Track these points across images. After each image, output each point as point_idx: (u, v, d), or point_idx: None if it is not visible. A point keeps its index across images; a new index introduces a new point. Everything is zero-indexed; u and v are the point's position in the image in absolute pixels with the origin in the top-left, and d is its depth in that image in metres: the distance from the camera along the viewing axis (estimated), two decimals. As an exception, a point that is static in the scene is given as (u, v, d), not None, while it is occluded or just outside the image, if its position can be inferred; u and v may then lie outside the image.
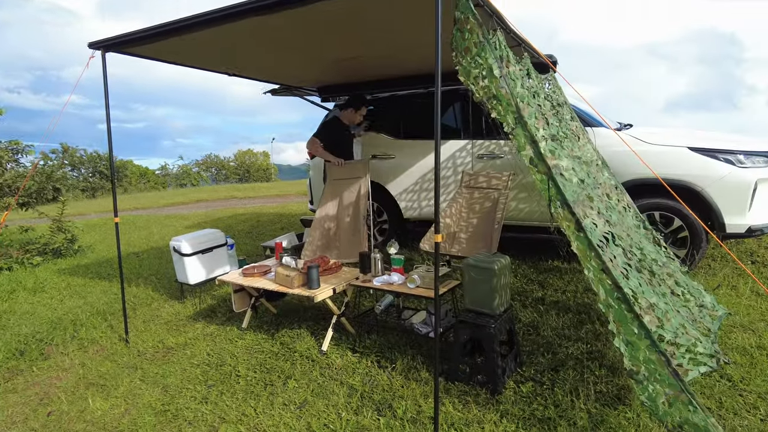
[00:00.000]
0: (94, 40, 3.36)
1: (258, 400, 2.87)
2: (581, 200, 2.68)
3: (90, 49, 3.37)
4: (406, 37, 3.57)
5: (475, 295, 2.86)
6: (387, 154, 5.44)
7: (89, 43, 3.36)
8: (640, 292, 2.40)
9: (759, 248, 4.78)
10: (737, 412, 2.46)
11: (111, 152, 3.61)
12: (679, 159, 4.09)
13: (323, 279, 3.45)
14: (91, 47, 3.37)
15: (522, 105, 2.65)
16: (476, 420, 2.52)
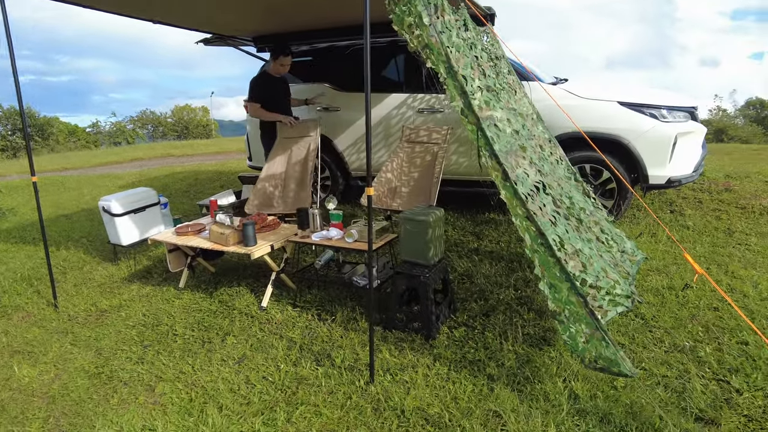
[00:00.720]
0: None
1: (196, 357, 2.86)
2: (514, 150, 2.75)
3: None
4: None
5: (411, 247, 2.92)
6: (330, 107, 5.32)
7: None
8: (566, 238, 2.53)
9: (677, 198, 5.12)
10: (646, 346, 2.69)
11: (21, 104, 3.31)
12: (609, 113, 4.24)
13: (261, 236, 3.40)
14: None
15: (457, 55, 2.65)
16: (411, 364, 2.62)
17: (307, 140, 4.65)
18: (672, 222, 4.58)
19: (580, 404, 2.24)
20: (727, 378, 2.39)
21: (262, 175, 4.66)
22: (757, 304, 3.04)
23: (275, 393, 2.49)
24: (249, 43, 5.51)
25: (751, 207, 4.78)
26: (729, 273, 3.49)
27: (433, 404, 2.32)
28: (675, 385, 2.36)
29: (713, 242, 4.09)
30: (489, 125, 2.64)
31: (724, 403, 2.24)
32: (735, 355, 2.56)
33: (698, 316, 2.95)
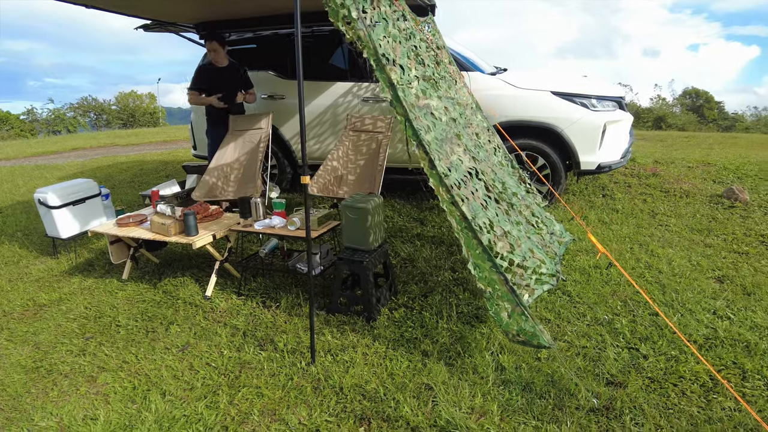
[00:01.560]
0: None
1: (139, 347, 2.87)
2: (450, 138, 2.89)
3: None
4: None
5: (352, 233, 3.02)
6: (275, 95, 5.32)
7: None
8: (496, 221, 2.70)
9: (610, 183, 5.46)
10: (570, 320, 2.92)
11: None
12: (543, 102, 4.47)
13: (204, 226, 3.42)
14: None
15: (394, 45, 2.74)
16: (351, 345, 2.74)
17: (258, 132, 4.66)
18: (603, 205, 4.88)
19: (506, 375, 2.43)
20: (637, 346, 2.65)
21: (212, 165, 4.63)
22: (669, 279, 3.33)
23: (218, 378, 2.55)
24: (191, 30, 5.41)
25: (674, 191, 5.16)
26: (649, 251, 3.79)
27: (370, 381, 2.45)
28: (592, 354, 2.59)
29: (638, 224, 4.40)
30: (426, 114, 2.77)
31: (632, 368, 2.48)
32: (646, 326, 2.82)
33: (618, 292, 3.21)
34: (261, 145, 4.50)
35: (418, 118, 2.62)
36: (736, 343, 2.64)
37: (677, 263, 3.57)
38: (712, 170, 5.83)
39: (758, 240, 4.00)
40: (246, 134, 4.65)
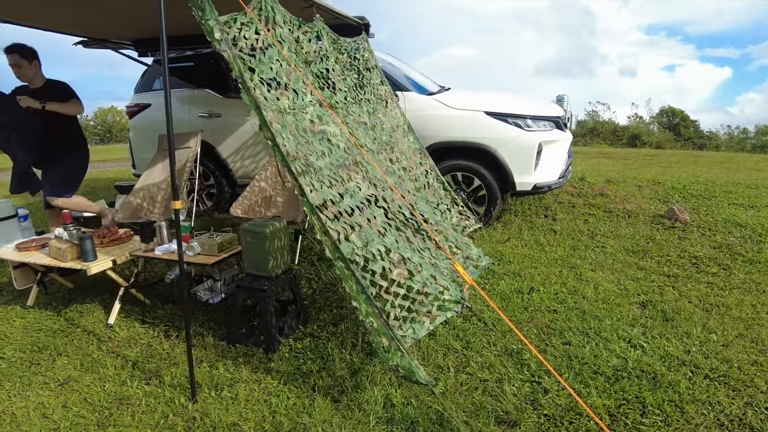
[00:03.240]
0: None
1: (16, 381, 2.68)
2: (347, 164, 2.79)
3: None
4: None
5: (252, 258, 2.89)
6: (212, 113, 5.21)
7: None
8: (395, 247, 2.58)
9: (554, 203, 5.39)
10: (479, 350, 2.79)
11: None
12: (476, 122, 4.41)
13: (107, 250, 3.26)
14: None
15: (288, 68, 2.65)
16: (242, 379, 2.59)
17: (186, 152, 4.53)
18: (542, 226, 4.80)
19: (393, 412, 2.29)
20: (541, 379, 2.52)
21: (137, 186, 4.49)
22: (591, 305, 3.23)
23: (90, 415, 2.38)
24: (130, 47, 5.30)
25: (617, 211, 5.10)
26: (577, 275, 3.70)
27: (249, 419, 2.29)
28: (492, 388, 2.46)
29: (574, 245, 4.32)
30: (321, 139, 2.67)
31: (529, 404, 2.35)
32: (557, 356, 2.70)
33: (535, 319, 3.09)
34: (188, 164, 4.37)
35: (311, 143, 2.52)
36: (643, 375, 2.53)
37: (603, 287, 3.48)
38: (660, 190, 5.81)
39: (690, 261, 3.93)
40: (175, 154, 4.51)
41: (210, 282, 3.26)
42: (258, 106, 2.18)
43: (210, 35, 2.25)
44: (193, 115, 5.27)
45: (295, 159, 2.23)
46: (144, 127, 5.54)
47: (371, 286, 2.22)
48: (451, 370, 2.59)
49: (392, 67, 4.99)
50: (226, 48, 2.20)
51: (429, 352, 2.74)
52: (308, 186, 2.19)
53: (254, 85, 2.25)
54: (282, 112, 2.39)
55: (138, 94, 5.66)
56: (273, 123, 2.20)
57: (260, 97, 2.23)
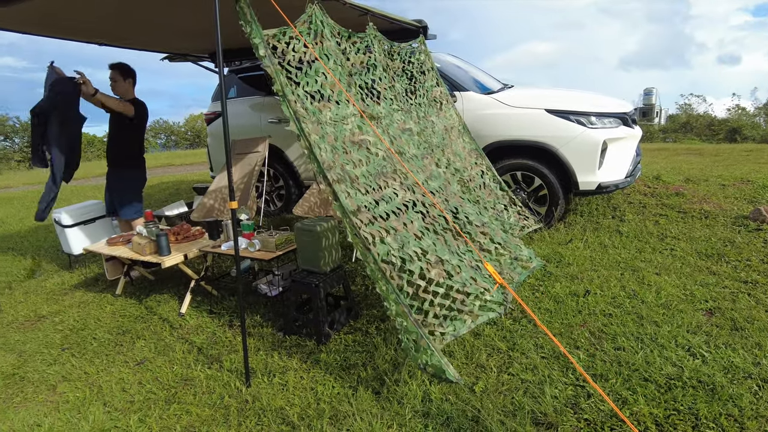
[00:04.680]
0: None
1: (103, 359, 3.05)
2: (385, 172, 2.88)
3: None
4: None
5: (305, 256, 3.06)
6: (281, 119, 5.52)
7: None
8: (432, 249, 2.64)
9: (623, 203, 5.13)
10: (525, 352, 2.77)
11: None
12: (536, 121, 4.32)
13: (180, 246, 3.60)
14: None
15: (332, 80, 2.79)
16: (293, 368, 2.76)
17: (255, 156, 4.85)
18: (608, 227, 4.60)
19: (430, 407, 2.35)
20: (584, 383, 2.46)
21: (211, 187, 4.88)
22: (650, 310, 3.08)
23: (159, 392, 2.66)
24: (207, 59, 5.75)
25: (693, 211, 4.76)
26: (639, 279, 3.52)
27: (294, 405, 2.45)
28: (533, 390, 2.44)
29: (640, 248, 4.10)
30: (359, 148, 2.79)
31: (570, 407, 2.31)
32: (606, 361, 2.62)
33: (588, 323, 3.01)
34: (256, 167, 4.67)
35: (349, 153, 2.64)
36: (699, 386, 2.39)
37: (666, 292, 3.29)
38: (748, 189, 5.33)
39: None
40: (245, 157, 4.84)
41: (270, 276, 3.49)
42: (297, 118, 2.33)
43: (256, 51, 2.44)
44: (263, 121, 5.62)
45: (330, 167, 2.35)
46: (219, 132, 5.98)
47: (408, 286, 2.29)
48: (493, 370, 2.60)
49: (453, 68, 5.01)
50: (269, 63, 2.37)
51: (473, 351, 2.76)
52: (343, 193, 2.30)
53: (296, 98, 2.41)
54: (321, 123, 2.53)
55: (214, 102, 6.12)
56: (311, 134, 2.34)
57: (300, 110, 2.38)
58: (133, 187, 4.47)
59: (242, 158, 4.85)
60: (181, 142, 31.73)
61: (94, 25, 3.85)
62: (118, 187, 4.43)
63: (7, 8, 3.09)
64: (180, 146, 30.60)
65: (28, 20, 3.58)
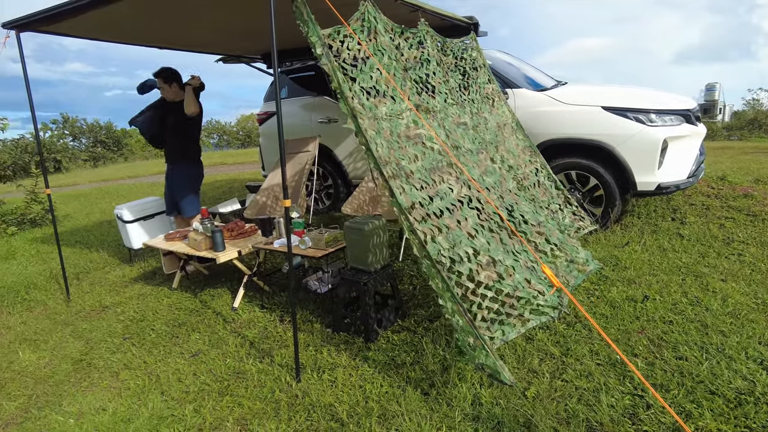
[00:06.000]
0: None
1: (161, 350, 3.18)
2: (440, 167, 2.85)
3: (4, 29, 3.55)
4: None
5: (354, 254, 3.08)
6: (331, 119, 5.58)
7: (3, 23, 3.54)
8: (485, 249, 2.59)
9: (684, 204, 4.87)
10: (579, 358, 2.68)
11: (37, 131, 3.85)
12: (592, 118, 4.16)
13: (235, 242, 3.70)
14: (5, 27, 3.54)
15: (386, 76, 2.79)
16: (342, 365, 2.79)
17: (306, 155, 4.93)
18: (668, 230, 4.37)
19: (480, 410, 2.30)
20: (643, 393, 2.35)
21: (264, 185, 5.00)
22: (716, 319, 2.90)
23: (213, 384, 2.75)
24: (259, 60, 5.89)
25: (764, 214, 4.46)
26: (702, 285, 3.33)
27: (343, 402, 2.47)
28: (588, 397, 2.35)
29: (703, 252, 3.88)
30: (414, 143, 2.77)
31: (628, 417, 2.21)
32: (667, 370, 2.50)
33: (647, 330, 2.87)
34: (307, 166, 4.75)
35: (404, 148, 2.63)
36: (774, 402, 2.23)
37: (734, 300, 3.09)
38: (827, 191, 4.94)
39: None
40: (296, 156, 4.93)
41: (319, 273, 3.54)
42: (354, 114, 2.34)
43: (314, 50, 2.47)
44: (313, 120, 5.70)
45: (386, 163, 2.35)
46: (271, 132, 6.13)
47: (457, 287, 2.26)
48: (546, 375, 2.52)
49: (504, 65, 4.91)
50: (326, 61, 2.39)
51: (524, 355, 2.70)
52: (398, 189, 2.30)
53: (352, 95, 2.42)
54: (377, 119, 2.53)
55: (266, 103, 6.27)
56: (368, 130, 2.35)
57: (357, 106, 2.39)
58: (192, 183, 4.65)
59: (293, 157, 4.94)
60: (232, 141, 32.79)
61: (157, 30, 4.03)
62: (178, 183, 4.61)
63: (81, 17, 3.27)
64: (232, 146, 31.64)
65: (98, 28, 3.78)
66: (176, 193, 4.61)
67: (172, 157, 4.62)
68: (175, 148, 4.59)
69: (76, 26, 3.67)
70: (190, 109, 4.38)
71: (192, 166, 4.64)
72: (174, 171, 4.65)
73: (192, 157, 4.61)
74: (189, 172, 4.64)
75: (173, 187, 4.64)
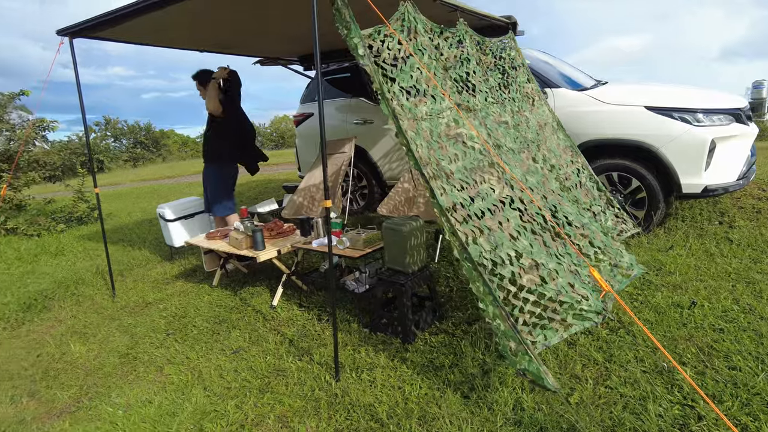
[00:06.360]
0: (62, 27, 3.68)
1: (202, 346, 3.26)
2: (481, 167, 2.82)
3: (58, 36, 3.71)
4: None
5: (391, 255, 3.08)
6: (366, 120, 5.61)
7: (57, 30, 3.70)
8: (528, 252, 2.55)
9: (733, 208, 4.68)
10: (623, 365, 2.60)
11: (87, 133, 4.01)
12: (634, 118, 4.05)
13: (273, 242, 3.76)
14: (59, 34, 3.70)
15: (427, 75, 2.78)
16: (380, 365, 2.79)
17: (342, 156, 4.96)
18: (715, 234, 4.21)
19: (522, 415, 2.27)
20: (693, 403, 2.27)
21: (300, 186, 5.06)
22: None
23: (254, 381, 2.80)
24: (296, 62, 5.97)
25: (820, 219, 4.24)
26: (755, 292, 3.19)
27: (383, 403, 2.47)
28: (634, 406, 2.29)
29: (755, 257, 3.72)
30: (455, 143, 2.75)
31: (677, 428, 2.14)
32: (719, 381, 2.40)
33: (696, 337, 2.77)
34: (343, 167, 4.78)
35: (444, 148, 2.61)
36: (836, 416, 2.12)
37: (790, 308, 2.95)
38: None
39: None
40: (332, 158, 4.97)
41: (357, 273, 3.56)
42: (395, 115, 2.34)
43: (354, 51, 2.48)
44: (349, 122, 5.74)
45: (427, 164, 2.34)
46: (308, 134, 6.20)
47: (498, 290, 2.23)
48: (589, 382, 2.47)
49: (542, 64, 4.83)
50: (368, 62, 2.40)
51: (566, 361, 2.64)
52: (439, 189, 2.28)
53: (392, 96, 2.42)
54: (417, 119, 2.52)
55: (303, 105, 6.35)
56: (408, 131, 2.35)
57: (397, 107, 2.39)
58: (222, 184, 4.75)
59: (329, 158, 4.98)
60: (267, 143, 33.43)
61: (200, 34, 4.14)
62: (209, 183, 4.74)
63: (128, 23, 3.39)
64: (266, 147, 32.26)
65: (143, 33, 3.91)
66: (208, 192, 4.74)
67: (204, 156, 4.77)
68: (207, 148, 4.72)
69: (123, 31, 3.80)
70: (208, 107, 4.50)
71: (221, 166, 4.73)
72: (205, 171, 4.79)
73: (222, 157, 4.71)
74: (218, 173, 4.74)
75: (205, 186, 4.78)
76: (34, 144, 8.31)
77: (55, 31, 3.70)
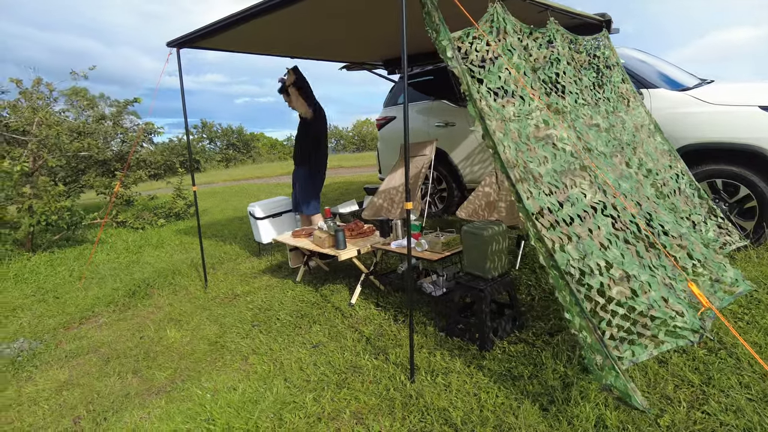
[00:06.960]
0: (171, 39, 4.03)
1: (285, 338, 3.41)
2: (571, 170, 2.70)
3: (168, 47, 4.06)
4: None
5: (471, 259, 3.04)
6: (448, 122, 5.58)
7: (167, 42, 4.05)
8: (618, 262, 2.41)
9: None
10: (725, 389, 2.38)
11: (188, 136, 4.34)
12: (746, 120, 3.68)
13: (354, 241, 3.85)
14: (169, 46, 4.06)
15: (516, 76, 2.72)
16: (455, 370, 2.76)
17: (422, 159, 4.99)
18: (843, 252, 3.71)
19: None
20: (811, 438, 2.02)
21: (381, 188, 5.15)
22: None
23: (332, 375, 2.88)
24: (380, 67, 6.08)
25: None
26: None
27: (458, 408, 2.44)
28: (737, 435, 2.08)
29: None
30: (544, 144, 2.66)
31: (790, 464, 1.91)
32: (844, 416, 2.12)
33: (815, 365, 2.46)
34: (423, 169, 4.79)
35: (532, 150, 2.54)
36: None
37: None
38: None
39: None
40: (413, 160, 5.00)
41: (434, 276, 3.55)
42: (482, 116, 2.30)
43: (443, 54, 2.48)
44: (430, 124, 5.74)
45: (514, 166, 2.29)
46: (389, 137, 6.28)
47: (585, 301, 2.12)
48: (682, 405, 2.28)
49: (638, 63, 4.54)
50: (456, 65, 2.39)
51: (656, 380, 2.46)
52: (525, 193, 2.22)
53: (480, 97, 2.39)
54: (505, 120, 2.47)
55: (386, 108, 6.44)
56: (496, 132, 2.30)
57: (485, 108, 2.35)
58: (309, 185, 4.96)
59: (410, 161, 5.02)
60: (348, 146, 34.36)
61: (293, 42, 4.35)
62: (298, 184, 4.96)
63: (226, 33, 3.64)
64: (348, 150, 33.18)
65: (239, 41, 4.18)
66: (297, 192, 4.97)
67: (294, 158, 5.06)
68: (297, 151, 5.00)
69: (223, 41, 4.09)
70: (299, 112, 4.85)
71: (309, 169, 4.99)
72: (294, 172, 5.10)
73: (309, 160, 4.97)
74: (306, 175, 5.02)
75: (295, 187, 5.01)
76: (141, 146, 9.19)
77: (165, 42, 4.06)
